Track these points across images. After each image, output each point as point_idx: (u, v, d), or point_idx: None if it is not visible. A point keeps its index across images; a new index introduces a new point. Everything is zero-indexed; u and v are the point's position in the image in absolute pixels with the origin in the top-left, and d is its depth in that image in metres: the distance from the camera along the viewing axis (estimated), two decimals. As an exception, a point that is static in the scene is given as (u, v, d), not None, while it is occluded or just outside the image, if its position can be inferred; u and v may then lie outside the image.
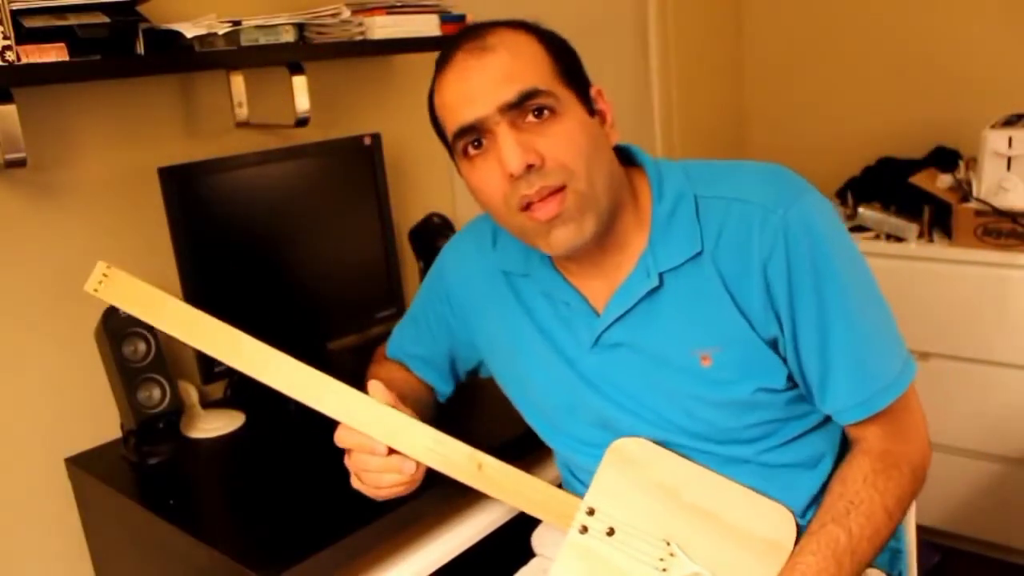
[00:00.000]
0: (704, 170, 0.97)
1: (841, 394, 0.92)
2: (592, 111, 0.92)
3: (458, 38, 0.91)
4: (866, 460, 0.93)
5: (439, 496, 1.17)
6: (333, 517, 1.09)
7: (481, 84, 0.87)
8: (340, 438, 0.93)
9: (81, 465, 1.32)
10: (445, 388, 1.18)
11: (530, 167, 0.86)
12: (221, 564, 1.04)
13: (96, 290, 0.92)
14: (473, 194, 0.94)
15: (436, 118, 0.95)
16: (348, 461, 0.95)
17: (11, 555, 1.33)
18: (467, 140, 0.89)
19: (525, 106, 0.86)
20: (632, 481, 0.95)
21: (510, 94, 0.86)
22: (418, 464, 0.92)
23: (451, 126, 0.90)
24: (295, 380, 0.92)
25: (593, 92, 0.94)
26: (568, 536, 0.95)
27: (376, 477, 0.93)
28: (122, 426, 1.32)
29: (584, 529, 0.94)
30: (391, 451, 0.92)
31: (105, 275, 0.92)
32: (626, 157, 0.99)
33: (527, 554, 1.20)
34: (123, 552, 1.31)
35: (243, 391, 1.50)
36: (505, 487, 0.94)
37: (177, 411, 1.29)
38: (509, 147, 0.85)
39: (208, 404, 1.47)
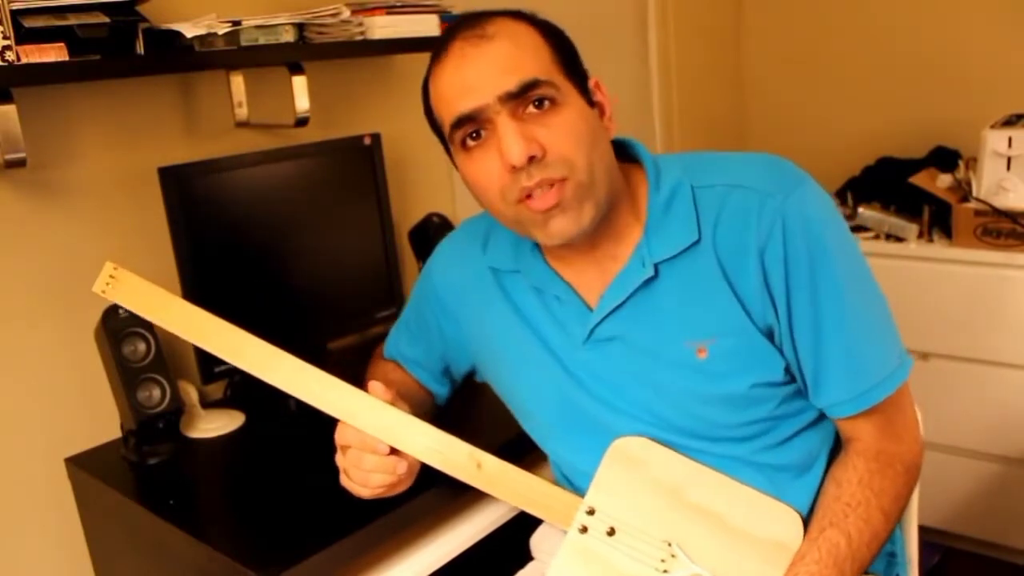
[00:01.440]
0: (701, 161, 0.96)
1: (835, 387, 0.91)
2: (591, 102, 0.92)
3: (456, 27, 0.90)
4: (860, 461, 0.93)
5: (438, 497, 1.17)
6: (333, 517, 1.09)
7: (481, 73, 0.85)
8: (341, 435, 0.93)
9: (81, 465, 1.32)
10: (441, 391, 1.18)
11: (532, 159, 0.84)
12: (221, 564, 1.04)
13: (104, 291, 0.92)
14: (469, 186, 0.93)
15: (431, 110, 0.93)
16: (339, 458, 0.95)
17: (11, 555, 1.33)
18: (465, 131, 0.88)
19: (526, 96, 0.85)
20: (633, 480, 0.94)
21: (511, 84, 0.84)
22: (408, 467, 0.92)
23: (448, 116, 0.88)
24: (298, 379, 0.92)
25: (591, 84, 0.93)
26: (568, 536, 0.94)
27: (365, 475, 0.93)
28: (122, 426, 1.32)
29: (584, 529, 0.94)
30: (392, 452, 0.92)
31: (112, 276, 0.92)
32: (624, 152, 0.99)
33: (525, 556, 1.20)
34: (123, 552, 1.31)
35: (243, 391, 1.50)
36: (505, 486, 0.94)
37: (177, 411, 1.29)
38: (511, 138, 0.84)
39: (208, 404, 1.47)
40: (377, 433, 0.91)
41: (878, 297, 0.93)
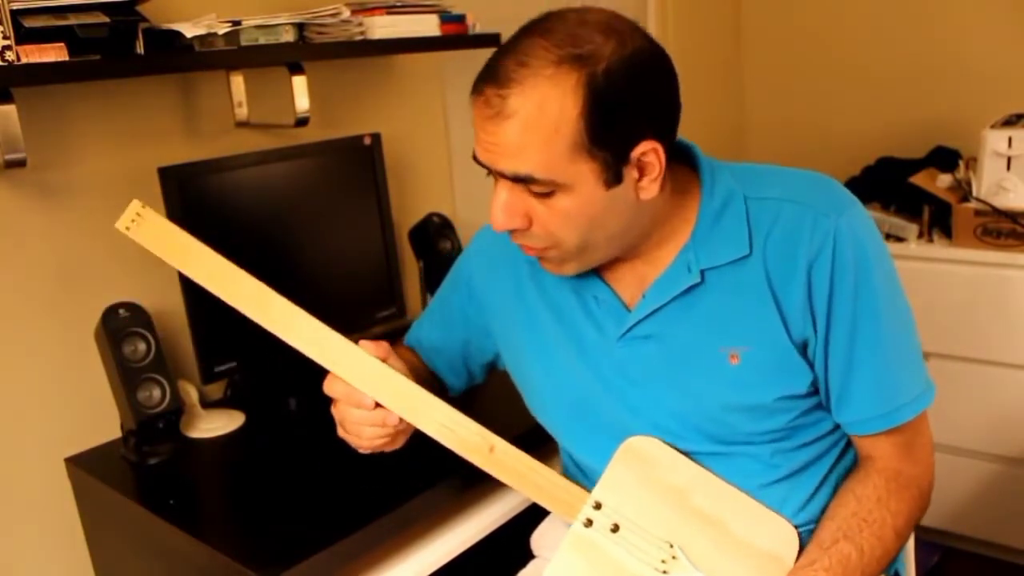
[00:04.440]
0: (754, 172, 0.97)
1: (862, 404, 0.92)
2: (617, 176, 0.85)
3: (486, 73, 0.84)
4: (881, 479, 0.94)
5: (438, 496, 1.17)
6: (333, 517, 1.09)
7: (490, 144, 0.85)
8: (329, 387, 0.93)
9: (81, 465, 1.32)
10: (454, 381, 1.18)
11: (514, 230, 0.89)
12: (221, 564, 1.04)
13: (128, 228, 0.89)
14: None
15: None
16: (334, 409, 0.95)
17: (11, 555, 1.33)
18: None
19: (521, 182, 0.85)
20: (642, 480, 0.94)
21: (507, 170, 0.84)
22: (402, 419, 0.91)
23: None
24: (320, 344, 0.90)
25: (638, 151, 0.85)
26: (572, 528, 0.95)
27: (358, 428, 0.93)
28: (122, 426, 1.32)
29: (589, 523, 0.94)
30: (377, 405, 0.91)
31: (139, 214, 0.88)
32: (680, 153, 0.98)
33: (526, 555, 1.20)
34: (123, 552, 1.31)
35: (243, 391, 1.50)
36: (515, 472, 0.93)
37: (177, 411, 1.29)
38: (498, 206, 0.87)
39: (208, 404, 1.47)
40: (392, 406, 0.90)
41: (911, 325, 0.95)
